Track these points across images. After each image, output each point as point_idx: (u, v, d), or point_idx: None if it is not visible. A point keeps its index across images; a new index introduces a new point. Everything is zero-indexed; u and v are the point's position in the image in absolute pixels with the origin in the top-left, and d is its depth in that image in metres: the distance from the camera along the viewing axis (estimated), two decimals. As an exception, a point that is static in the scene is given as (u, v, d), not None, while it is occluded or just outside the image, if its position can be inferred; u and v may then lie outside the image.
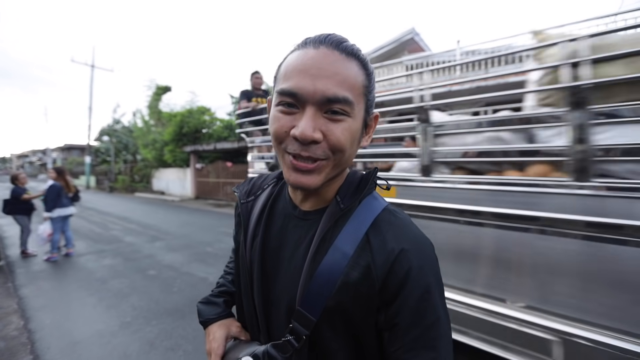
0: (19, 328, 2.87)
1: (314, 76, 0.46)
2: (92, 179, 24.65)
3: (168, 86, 20.47)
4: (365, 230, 0.52)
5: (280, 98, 0.49)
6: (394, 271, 0.49)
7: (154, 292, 3.65)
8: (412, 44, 11.93)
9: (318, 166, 0.49)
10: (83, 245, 5.93)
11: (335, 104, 0.46)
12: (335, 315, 0.51)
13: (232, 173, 13.59)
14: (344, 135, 0.48)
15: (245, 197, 0.68)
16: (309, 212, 0.58)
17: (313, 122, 0.46)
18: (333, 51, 0.48)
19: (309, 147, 0.47)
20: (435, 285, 0.51)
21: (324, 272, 0.50)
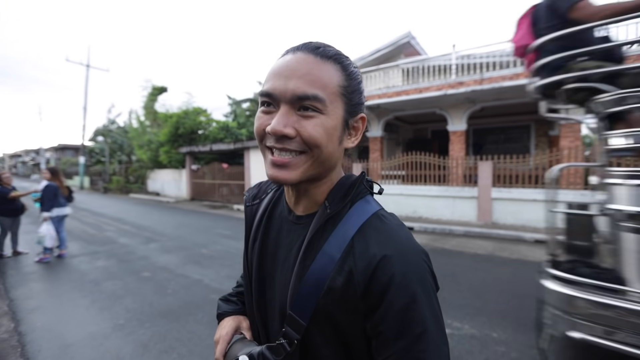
0: (10, 330, 2.82)
1: (287, 77, 0.50)
2: (86, 180, 24.39)
3: (164, 87, 20.39)
4: (352, 235, 0.52)
5: (260, 99, 0.53)
6: (376, 277, 0.48)
7: (148, 294, 3.61)
8: (409, 47, 12.02)
9: (293, 161, 0.51)
10: (76, 246, 5.86)
11: (305, 101, 0.49)
12: (324, 320, 0.51)
13: (228, 174, 13.53)
14: (315, 130, 0.50)
15: (251, 200, 0.70)
16: (302, 216, 0.59)
17: (285, 118, 0.49)
18: (308, 55, 0.51)
19: (283, 141, 0.50)
20: (422, 294, 0.48)
21: (312, 276, 0.51)
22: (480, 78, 7.67)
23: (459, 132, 9.20)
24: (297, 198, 0.59)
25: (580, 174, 6.77)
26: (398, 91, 9.04)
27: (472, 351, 2.41)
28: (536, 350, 2.40)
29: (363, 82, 0.59)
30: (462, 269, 4.41)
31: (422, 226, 7.40)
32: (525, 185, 7.15)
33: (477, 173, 7.75)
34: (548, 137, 10.60)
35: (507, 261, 4.80)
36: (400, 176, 9.21)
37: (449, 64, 8.86)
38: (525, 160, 7.28)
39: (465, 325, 2.82)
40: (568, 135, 7.51)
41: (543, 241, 5.97)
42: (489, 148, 11.74)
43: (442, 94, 8.29)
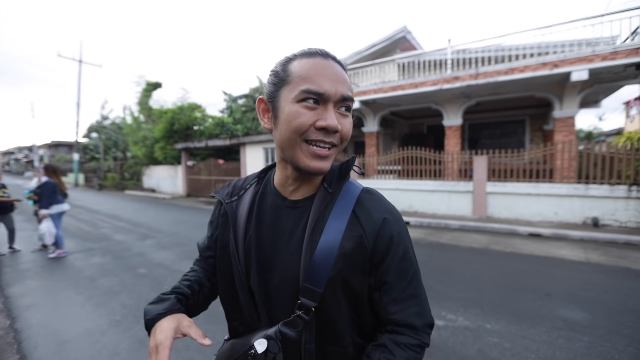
0: (5, 327, 2.81)
1: (334, 81, 0.57)
2: (80, 177, 24.16)
3: (158, 82, 20.16)
4: (352, 208, 0.62)
5: (304, 95, 0.56)
6: (380, 236, 0.61)
7: (144, 290, 3.61)
8: (404, 42, 11.97)
9: (331, 152, 0.60)
10: (72, 243, 5.82)
11: (347, 102, 0.59)
12: (338, 284, 0.59)
13: (224, 170, 13.49)
14: (350, 127, 0.61)
15: (229, 197, 0.72)
16: (299, 200, 0.65)
17: (336, 116, 0.58)
18: (336, 64, 0.60)
19: (331, 136, 0.58)
20: (410, 247, 0.64)
21: (323, 248, 0.58)
22: (476, 73, 7.68)
23: (454, 127, 9.22)
24: (299, 186, 0.65)
25: (574, 167, 6.84)
26: (394, 86, 9.03)
27: (465, 342, 2.45)
28: (528, 341, 2.45)
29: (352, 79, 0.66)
30: (456, 263, 4.46)
31: (418, 220, 7.45)
32: (519, 180, 7.21)
33: (472, 167, 7.80)
34: (542, 132, 10.68)
35: (501, 254, 4.86)
36: (396, 171, 9.24)
37: (445, 59, 8.84)
38: (520, 154, 7.33)
39: (459, 317, 2.86)
40: (562, 129, 7.57)
41: (537, 235, 6.05)
42: (484, 143, 11.80)
43: (437, 89, 8.29)
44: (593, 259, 4.52)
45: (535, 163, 7.21)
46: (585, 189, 6.44)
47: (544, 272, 4.01)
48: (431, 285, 3.61)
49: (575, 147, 6.82)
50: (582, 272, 4.00)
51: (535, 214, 6.98)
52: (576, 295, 3.29)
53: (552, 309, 2.98)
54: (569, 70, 6.67)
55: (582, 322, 2.73)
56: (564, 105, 7.56)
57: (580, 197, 6.51)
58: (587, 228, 6.15)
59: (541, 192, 6.88)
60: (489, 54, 8.41)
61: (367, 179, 9.40)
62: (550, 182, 6.99)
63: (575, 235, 5.77)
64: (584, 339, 2.46)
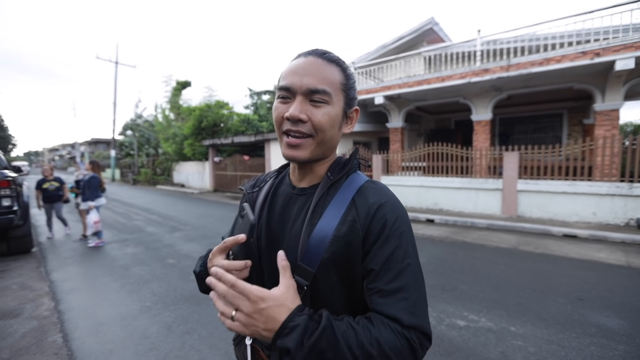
0: (50, 309, 3.09)
1: (302, 75, 0.62)
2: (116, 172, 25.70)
3: (188, 81, 20.92)
4: (352, 196, 0.64)
5: (278, 92, 0.65)
6: (373, 222, 0.61)
7: (172, 280, 3.81)
8: (432, 34, 11.61)
9: (304, 142, 0.63)
10: (108, 234, 6.24)
11: (316, 94, 0.62)
12: (331, 266, 0.61)
13: (249, 166, 13.80)
14: (323, 118, 0.62)
15: (251, 189, 0.82)
16: (305, 188, 0.71)
17: (300, 106, 0.62)
18: (317, 59, 0.64)
19: (297, 125, 0.62)
20: (408, 236, 0.62)
21: (319, 231, 0.62)
22: (507, 64, 7.29)
23: (483, 122, 8.84)
24: (304, 175, 0.71)
25: (616, 164, 6.34)
26: (419, 80, 8.79)
27: (488, 344, 2.38)
28: (556, 346, 2.33)
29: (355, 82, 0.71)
30: (482, 262, 4.31)
31: (443, 218, 7.25)
32: (554, 177, 6.80)
33: (502, 164, 7.45)
34: (582, 126, 9.97)
35: (531, 255, 4.63)
36: (421, 168, 9.03)
37: (474, 51, 8.48)
38: (555, 150, 6.90)
39: (482, 317, 2.77)
40: (604, 123, 7.03)
41: (572, 236, 5.69)
42: (516, 138, 11.22)
43: (465, 82, 7.97)
44: (635, 263, 4.19)
45: (573, 160, 6.76)
46: (629, 188, 5.96)
47: (577, 275, 3.78)
48: (454, 284, 3.52)
49: (619, 142, 6.31)
50: (620, 277, 3.73)
51: (571, 214, 6.57)
52: (612, 300, 3.08)
53: (584, 314, 2.81)
54: (612, 59, 6.17)
55: (618, 329, 2.56)
56: (607, 97, 7.02)
57: (623, 196, 6.03)
58: (630, 230, 5.70)
59: (578, 191, 6.45)
60: (522, 44, 7.95)
61: (391, 175, 9.26)
62: (589, 180, 6.53)
63: (616, 238, 5.37)
64: (619, 348, 2.31)
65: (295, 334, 0.51)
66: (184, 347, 2.41)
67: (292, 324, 0.51)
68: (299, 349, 0.50)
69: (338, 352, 0.51)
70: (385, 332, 0.54)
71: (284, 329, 0.51)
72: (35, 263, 4.54)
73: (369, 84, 10.38)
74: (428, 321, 0.58)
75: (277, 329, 0.51)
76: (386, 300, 0.57)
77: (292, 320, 0.52)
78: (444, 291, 3.35)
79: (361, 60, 11.47)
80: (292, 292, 0.56)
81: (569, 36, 7.29)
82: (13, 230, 4.74)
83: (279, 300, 0.53)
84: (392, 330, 0.54)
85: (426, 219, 7.49)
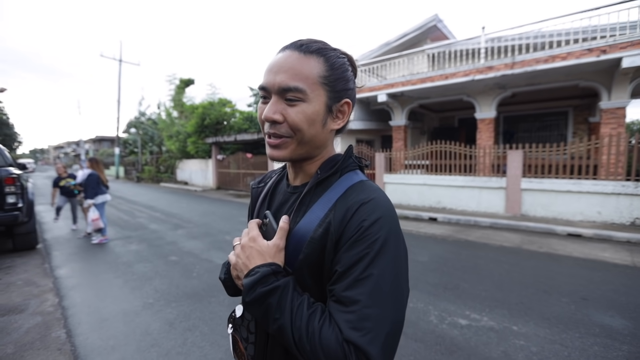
0: (54, 305, 3.12)
1: (275, 72, 0.59)
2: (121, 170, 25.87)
3: (191, 79, 20.96)
4: (337, 198, 0.61)
5: (259, 92, 0.63)
6: (350, 222, 0.55)
7: (174, 277, 3.83)
8: (435, 31, 11.50)
9: (282, 142, 0.61)
10: (112, 231, 6.29)
11: (289, 92, 0.58)
12: (307, 268, 0.59)
13: (252, 164, 13.82)
14: (298, 117, 0.59)
15: (257, 184, 0.84)
16: (297, 186, 0.70)
17: (274, 106, 0.59)
18: (293, 52, 0.60)
19: (275, 126, 0.60)
20: (384, 240, 0.53)
21: (298, 230, 0.60)
22: (512, 62, 7.22)
23: (487, 120, 8.77)
24: (296, 173, 0.70)
25: (622, 163, 6.26)
26: (423, 78, 8.73)
27: (490, 343, 2.37)
28: (559, 346, 2.32)
29: (349, 71, 0.65)
30: (485, 261, 4.29)
31: (446, 217, 7.22)
32: (559, 176, 6.74)
33: (506, 163, 7.40)
34: (588, 124, 9.86)
35: (534, 254, 4.59)
36: (425, 166, 8.98)
37: (478, 48, 8.40)
38: (560, 149, 6.83)
39: (484, 317, 2.76)
40: (610, 121, 6.95)
41: (577, 235, 5.64)
42: (521, 136, 11.12)
43: (469, 80, 7.91)
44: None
45: (578, 158, 6.69)
46: (635, 187, 5.89)
47: (581, 275, 3.75)
48: (457, 283, 3.51)
49: (625, 140, 6.24)
50: (625, 277, 3.69)
51: (575, 213, 6.51)
52: (617, 300, 3.05)
53: (588, 314, 2.78)
54: (619, 56, 6.09)
55: (622, 329, 2.54)
56: (613, 95, 6.93)
57: (629, 195, 5.96)
58: (636, 229, 5.64)
59: (583, 190, 6.39)
60: (527, 41, 7.86)
61: (394, 173, 9.23)
62: (595, 179, 6.46)
63: (621, 237, 5.31)
64: (623, 348, 2.29)
65: (255, 277, 0.56)
66: (186, 344, 2.42)
67: (257, 269, 0.57)
68: (250, 290, 0.55)
69: (281, 318, 0.53)
70: (327, 329, 0.51)
71: (252, 271, 0.58)
72: (40, 259, 4.58)
73: (372, 81, 10.33)
74: (378, 343, 0.49)
75: (250, 268, 0.58)
76: (336, 306, 0.52)
77: (260, 267, 0.57)
78: (446, 290, 3.34)
79: (365, 57, 11.41)
80: (276, 250, 0.60)
81: (575, 33, 7.19)
82: (18, 227, 4.79)
83: (262, 249, 0.60)
84: (334, 332, 0.50)
85: (429, 217, 7.46)
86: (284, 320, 0.53)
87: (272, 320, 0.54)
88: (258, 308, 0.55)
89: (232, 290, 0.74)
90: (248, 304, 0.56)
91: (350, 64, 0.66)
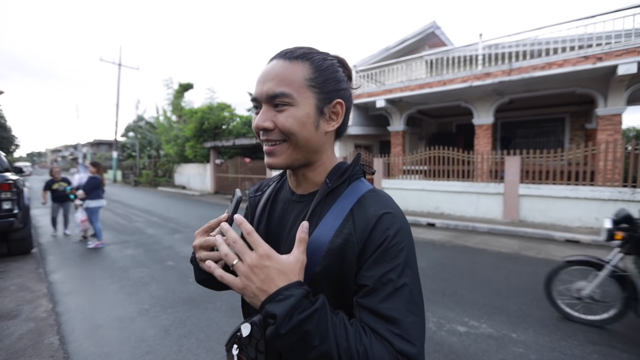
0: (48, 310, 3.07)
1: (262, 82, 0.60)
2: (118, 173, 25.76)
3: (190, 83, 21.02)
4: (351, 207, 0.60)
5: (252, 104, 0.64)
6: (373, 234, 0.56)
7: (171, 282, 3.79)
8: (433, 37, 11.62)
9: (277, 148, 0.61)
10: (108, 235, 6.24)
11: (276, 99, 0.59)
12: (322, 280, 0.57)
13: (251, 169, 13.81)
14: (287, 121, 0.59)
15: (254, 193, 0.80)
16: (303, 195, 0.68)
17: (264, 115, 0.60)
18: (279, 60, 0.61)
19: (267, 134, 0.61)
20: (407, 249, 0.56)
21: (313, 241, 0.58)
22: (509, 68, 7.28)
23: (485, 126, 8.82)
24: (298, 182, 0.68)
25: (619, 169, 6.30)
26: (421, 84, 8.79)
27: (489, 350, 2.35)
28: (558, 354, 2.30)
29: (340, 72, 0.64)
30: (483, 267, 4.27)
31: (444, 223, 7.21)
32: (556, 182, 6.76)
33: (503, 168, 7.42)
34: (584, 131, 9.92)
35: (533, 260, 4.58)
36: (423, 171, 9.00)
37: (475, 54, 8.48)
38: (557, 155, 6.86)
39: (482, 324, 2.74)
40: (606, 128, 7.00)
41: (575, 241, 5.64)
42: (518, 142, 11.17)
43: (467, 86, 7.96)
44: (638, 269, 4.14)
45: (575, 164, 6.72)
46: (631, 194, 5.92)
47: (580, 281, 3.73)
48: (455, 289, 3.49)
49: (622, 147, 6.28)
50: (624, 283, 3.68)
51: (573, 219, 6.52)
52: (616, 307, 3.04)
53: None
54: (614, 64, 6.16)
55: (621, 337, 2.52)
56: (609, 101, 6.99)
57: (626, 201, 5.98)
58: (633, 235, 5.64)
59: (581, 196, 6.41)
60: (524, 48, 7.94)
61: (392, 179, 9.23)
62: (592, 185, 6.48)
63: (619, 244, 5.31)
64: (623, 356, 2.27)
65: (288, 302, 0.47)
66: (181, 351, 2.39)
67: (287, 292, 0.48)
68: (286, 319, 0.47)
69: (324, 343, 0.47)
70: (376, 345, 0.50)
71: (278, 295, 0.48)
72: (35, 264, 4.53)
73: (370, 87, 10.39)
74: (422, 349, 0.52)
75: (272, 292, 0.49)
76: (377, 320, 0.52)
77: (288, 289, 0.49)
78: (445, 296, 3.31)
79: (363, 63, 11.49)
80: (299, 266, 0.53)
81: (571, 40, 7.28)
82: (13, 233, 4.74)
83: (284, 267, 0.51)
84: (384, 346, 0.50)
85: (427, 222, 7.45)
86: (328, 345, 0.47)
87: (310, 348, 0.47)
88: (292, 337, 0.47)
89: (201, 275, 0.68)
90: (284, 335, 0.47)
91: (342, 65, 0.66)
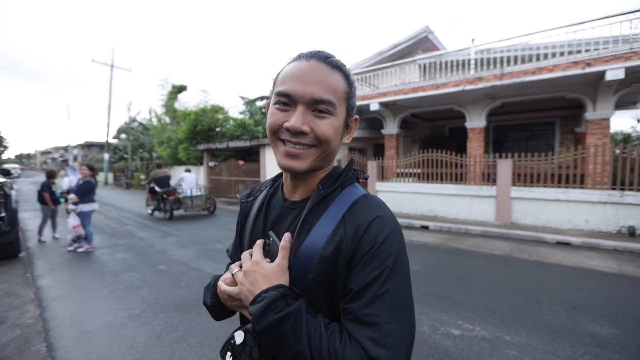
0: (35, 317, 2.99)
1: (305, 82, 0.57)
2: (110, 176, 25.39)
3: (184, 85, 20.86)
4: (343, 213, 0.59)
5: (277, 98, 0.60)
6: (363, 240, 0.55)
7: (163, 286, 3.73)
8: (426, 42, 11.75)
9: (304, 152, 0.59)
10: (99, 239, 6.12)
11: (321, 104, 0.57)
12: (317, 287, 0.57)
13: (244, 171, 13.73)
14: (328, 129, 0.58)
15: (245, 198, 0.79)
16: (297, 201, 0.66)
17: (302, 117, 0.57)
18: (321, 64, 0.59)
19: (298, 137, 0.58)
20: (396, 255, 0.55)
21: (305, 249, 0.58)
22: (501, 73, 7.39)
23: (477, 129, 8.92)
24: (296, 186, 0.67)
25: (608, 172, 6.42)
26: (414, 87, 8.86)
27: (482, 353, 2.35)
28: (551, 356, 2.31)
29: None
30: (476, 270, 4.30)
31: (438, 225, 7.25)
32: (547, 185, 6.86)
33: (496, 171, 7.51)
34: (574, 134, 10.11)
35: (525, 263, 4.63)
36: (416, 174, 9.05)
37: (468, 59, 8.59)
38: (548, 158, 6.97)
39: (476, 326, 2.74)
40: (595, 132, 7.13)
41: (565, 243, 5.72)
42: (510, 146, 11.33)
43: (459, 90, 8.05)
44: (627, 271, 4.22)
45: (565, 167, 6.83)
46: (620, 196, 6.03)
47: (571, 283, 3.78)
48: (448, 292, 3.50)
49: (610, 150, 6.40)
50: (614, 285, 3.74)
51: (564, 221, 6.61)
52: (606, 309, 3.08)
53: (579, 323, 2.80)
54: (603, 69, 6.29)
55: (612, 338, 2.55)
56: (598, 106, 7.13)
57: (615, 204, 6.09)
58: (622, 238, 5.75)
59: (571, 199, 6.51)
60: (515, 53, 8.07)
61: (386, 181, 9.27)
62: (582, 187, 6.59)
63: (608, 245, 5.40)
64: (614, 357, 2.30)
65: (262, 303, 0.52)
66: (173, 357, 2.34)
67: (265, 294, 0.53)
68: (261, 318, 0.51)
69: (298, 344, 0.50)
70: (349, 350, 0.50)
71: (257, 297, 0.54)
72: (22, 268, 4.42)
73: (364, 90, 10.44)
74: (402, 357, 0.50)
75: (255, 295, 0.55)
76: (356, 325, 0.52)
77: (267, 291, 0.53)
78: (438, 299, 3.32)
79: (357, 66, 11.55)
80: (280, 270, 0.57)
81: (561, 46, 7.42)
82: (0, 237, 4.62)
83: (266, 272, 0.56)
84: (357, 352, 0.49)
85: (421, 225, 7.48)
86: (301, 346, 0.50)
87: (287, 347, 0.51)
88: (270, 336, 0.51)
89: (219, 314, 0.70)
90: (259, 332, 0.52)
91: None
